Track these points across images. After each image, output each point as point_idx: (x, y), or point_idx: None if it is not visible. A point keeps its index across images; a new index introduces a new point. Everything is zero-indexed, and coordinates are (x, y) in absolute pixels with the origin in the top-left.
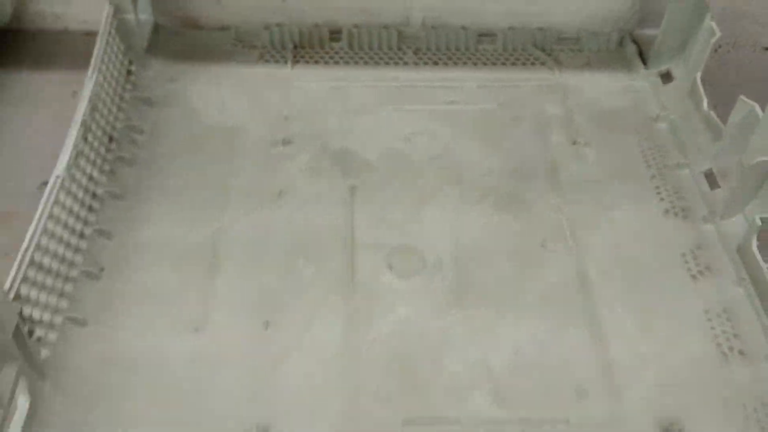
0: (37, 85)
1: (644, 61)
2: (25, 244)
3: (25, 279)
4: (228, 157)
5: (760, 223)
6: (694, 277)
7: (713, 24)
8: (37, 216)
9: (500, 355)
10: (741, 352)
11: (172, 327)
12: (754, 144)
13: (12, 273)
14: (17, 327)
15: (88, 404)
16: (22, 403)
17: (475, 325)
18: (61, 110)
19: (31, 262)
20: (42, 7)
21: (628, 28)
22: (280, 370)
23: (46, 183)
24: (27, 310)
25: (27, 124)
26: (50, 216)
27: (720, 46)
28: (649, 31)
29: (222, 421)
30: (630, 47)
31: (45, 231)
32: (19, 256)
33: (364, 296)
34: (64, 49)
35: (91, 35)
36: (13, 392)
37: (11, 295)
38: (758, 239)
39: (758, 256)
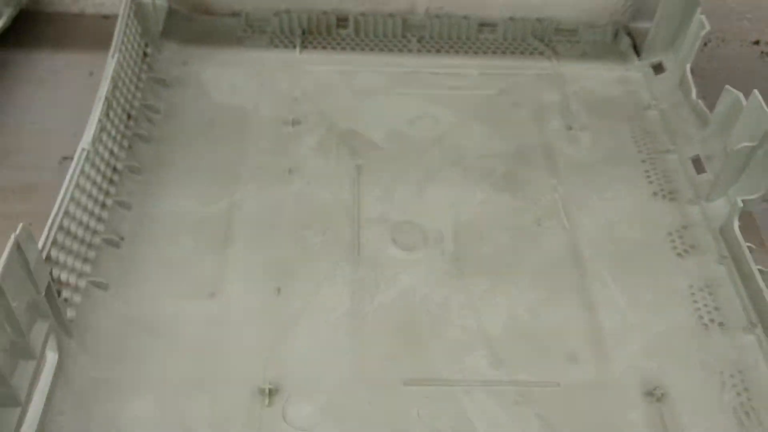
0: (55, 65)
1: (638, 53)
2: (54, 210)
3: (54, 242)
4: (240, 136)
5: (741, 205)
6: (679, 254)
7: (703, 18)
8: (65, 185)
9: (496, 322)
10: (720, 324)
11: (188, 292)
12: (737, 131)
13: (43, 235)
14: (48, 286)
15: (110, 363)
16: (51, 357)
17: (472, 294)
18: (79, 90)
19: (60, 227)
20: None
21: (622, 22)
22: (291, 332)
23: (66, 158)
24: (56, 272)
25: (46, 103)
26: (77, 185)
27: (710, 41)
28: (642, 25)
29: (236, 379)
30: (624, 40)
31: (72, 199)
32: (50, 221)
33: (370, 267)
34: (80, 31)
35: (106, 18)
36: (44, 346)
37: (43, 255)
38: (739, 220)
39: (739, 236)
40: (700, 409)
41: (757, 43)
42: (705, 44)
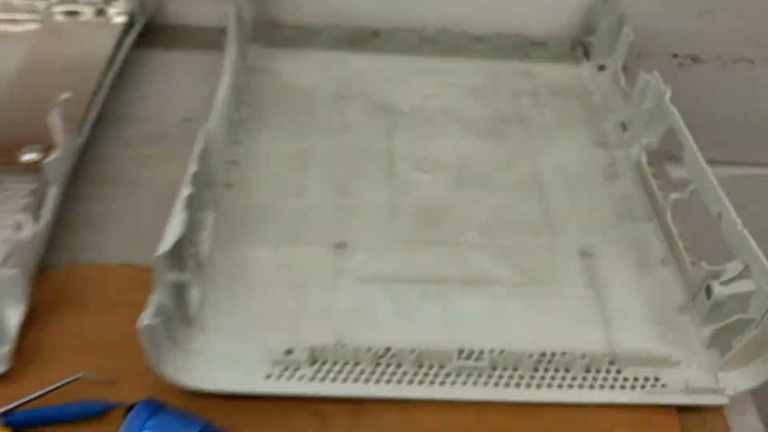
0: (170, 59)
1: (588, 58)
2: (203, 132)
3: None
4: (307, 106)
5: (645, 143)
6: (606, 180)
7: (629, 30)
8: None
9: (484, 214)
10: (632, 218)
11: (282, 192)
12: (646, 99)
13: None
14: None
15: (239, 226)
16: (211, 215)
17: (468, 199)
18: (188, 74)
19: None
20: (169, 8)
21: (578, 36)
22: (352, 214)
23: (186, 119)
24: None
25: (168, 85)
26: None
27: (641, 54)
28: (591, 39)
29: (317, 239)
30: (579, 48)
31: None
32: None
33: (401, 182)
34: (184, 38)
35: (202, 29)
36: (207, 207)
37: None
38: (652, 162)
39: (645, 165)
40: (615, 264)
41: (675, 56)
42: (638, 55)
